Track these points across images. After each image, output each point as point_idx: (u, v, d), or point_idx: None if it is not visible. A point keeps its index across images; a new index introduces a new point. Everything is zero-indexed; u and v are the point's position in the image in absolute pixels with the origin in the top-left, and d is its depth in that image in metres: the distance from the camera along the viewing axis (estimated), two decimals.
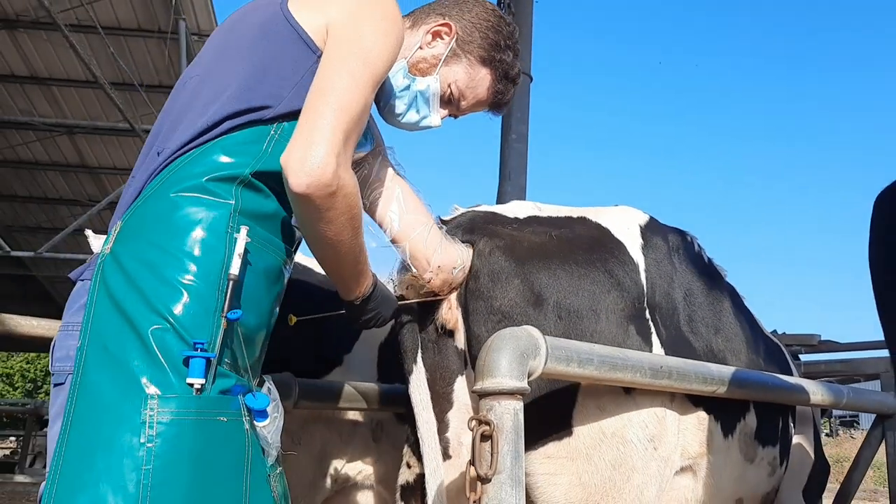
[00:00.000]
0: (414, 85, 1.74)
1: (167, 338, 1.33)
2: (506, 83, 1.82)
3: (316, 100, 1.40)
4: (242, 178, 1.45)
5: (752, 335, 2.21)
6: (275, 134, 1.48)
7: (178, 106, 1.56)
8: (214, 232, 1.40)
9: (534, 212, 1.90)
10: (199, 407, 1.33)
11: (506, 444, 1.37)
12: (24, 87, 9.66)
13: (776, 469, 2.25)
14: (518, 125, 4.71)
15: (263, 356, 1.57)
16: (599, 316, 1.72)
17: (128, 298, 1.35)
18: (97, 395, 1.31)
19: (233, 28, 1.63)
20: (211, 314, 1.37)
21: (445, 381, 1.73)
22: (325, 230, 1.42)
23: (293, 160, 1.35)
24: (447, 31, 1.76)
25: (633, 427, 1.73)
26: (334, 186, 1.35)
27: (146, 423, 1.28)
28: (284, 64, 1.49)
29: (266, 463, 1.44)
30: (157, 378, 1.31)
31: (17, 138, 10.49)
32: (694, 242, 2.15)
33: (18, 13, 8.35)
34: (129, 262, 1.38)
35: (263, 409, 1.42)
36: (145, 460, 1.27)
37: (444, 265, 1.69)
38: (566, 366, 1.51)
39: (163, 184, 1.45)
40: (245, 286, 1.43)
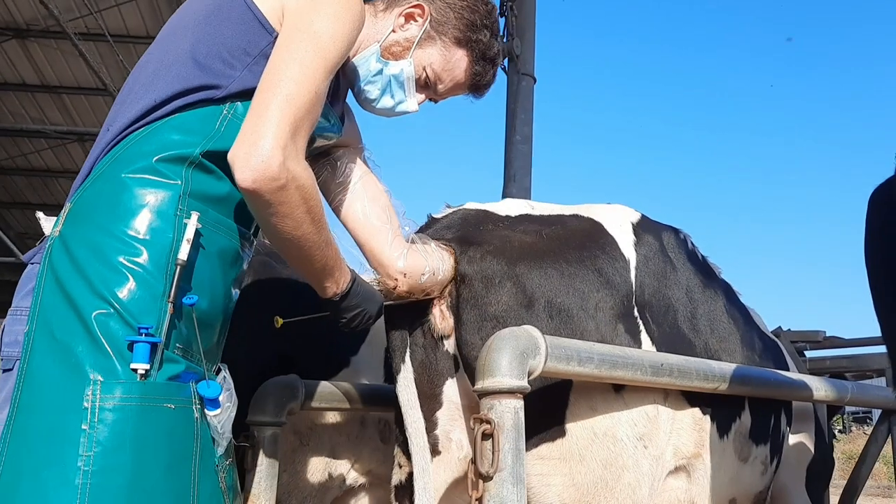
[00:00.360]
0: (387, 69, 1.70)
1: (111, 323, 1.31)
2: (484, 64, 1.77)
3: (263, 91, 1.37)
4: (192, 159, 1.42)
5: (746, 332, 2.20)
6: (227, 114, 1.46)
7: (130, 82, 1.54)
8: (162, 215, 1.38)
9: (526, 210, 1.90)
10: (143, 393, 1.31)
11: (507, 442, 1.40)
12: (36, 95, 9.78)
13: (768, 467, 2.24)
14: (522, 127, 4.72)
15: (223, 341, 1.55)
16: (589, 314, 1.72)
17: (73, 283, 1.33)
18: (42, 382, 1.30)
19: (189, 6, 1.59)
20: (158, 299, 1.35)
21: (435, 383, 1.73)
22: (281, 224, 1.37)
23: (239, 155, 1.32)
24: (420, 12, 1.71)
25: (622, 426, 1.73)
26: (283, 179, 1.32)
27: (89, 410, 1.27)
28: (238, 43, 1.46)
29: (216, 453, 1.42)
30: (100, 364, 1.30)
31: (30, 146, 10.62)
32: (687, 240, 2.15)
33: (28, 22, 8.46)
34: (76, 245, 1.36)
35: (215, 398, 1.40)
36: (87, 447, 1.26)
37: (411, 272, 1.65)
38: (566, 364, 1.52)
39: (112, 163, 1.42)
40: (197, 270, 1.41)
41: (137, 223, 1.36)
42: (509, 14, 4.78)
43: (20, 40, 8.74)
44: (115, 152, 1.43)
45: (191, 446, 1.37)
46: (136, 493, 1.28)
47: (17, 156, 10.77)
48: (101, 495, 1.25)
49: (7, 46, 8.84)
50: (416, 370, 1.74)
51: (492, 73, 1.81)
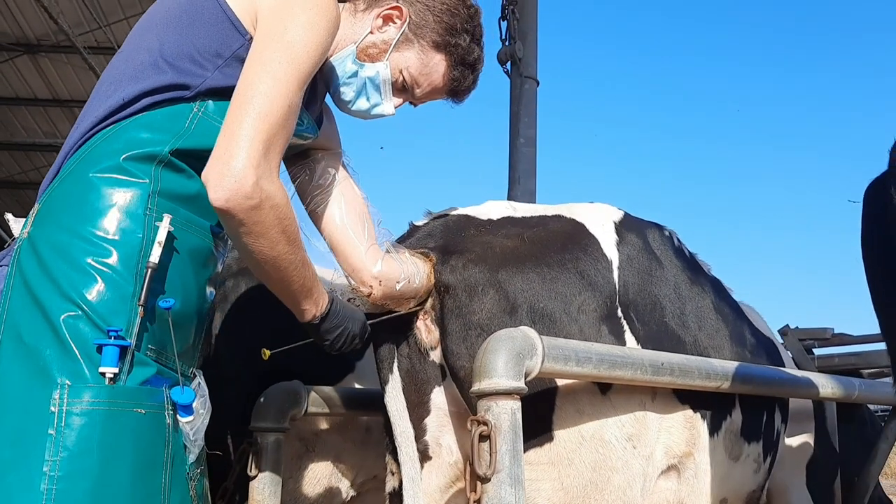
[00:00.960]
0: (362, 71, 1.67)
1: (79, 325, 1.30)
2: (462, 69, 1.73)
3: (236, 108, 1.35)
4: (161, 157, 1.40)
5: (736, 329, 2.19)
6: (198, 112, 1.44)
7: (101, 81, 1.53)
8: (131, 214, 1.36)
9: (508, 212, 1.89)
10: (111, 397, 1.29)
11: (504, 443, 1.40)
12: (47, 109, 9.90)
13: (761, 466, 2.22)
14: (526, 129, 4.71)
15: (199, 344, 1.53)
16: (572, 317, 1.71)
17: (41, 285, 1.32)
18: (9, 385, 1.29)
19: (161, 4, 1.57)
20: (127, 300, 1.33)
21: (422, 392, 1.73)
22: (256, 244, 1.35)
23: (212, 174, 1.31)
24: (398, 14, 1.68)
25: (609, 427, 1.72)
26: (256, 199, 1.30)
27: (55, 414, 1.25)
28: (209, 43, 1.45)
29: (187, 461, 1.40)
30: (68, 367, 1.28)
31: (42, 160, 10.73)
32: (673, 237, 2.13)
33: (39, 38, 8.56)
34: (44, 247, 1.35)
35: (189, 405, 1.38)
36: (53, 451, 1.25)
37: (386, 279, 1.62)
38: (564, 365, 1.52)
39: (79, 163, 1.41)
40: (169, 271, 1.39)
41: (105, 223, 1.35)
42: (511, 17, 4.77)
43: (31, 56, 8.85)
44: (83, 151, 1.42)
45: (161, 453, 1.35)
46: (102, 500, 1.27)
47: (29, 170, 10.89)
48: (67, 501, 1.24)
49: (18, 62, 8.96)
50: (404, 379, 1.74)
51: (471, 79, 1.78)
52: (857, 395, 2.49)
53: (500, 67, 4.90)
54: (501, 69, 4.93)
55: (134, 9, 8.30)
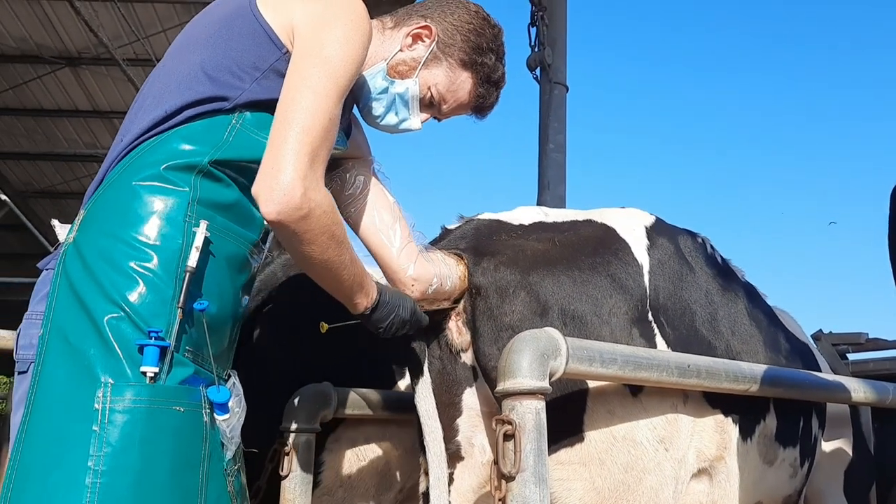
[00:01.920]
0: (392, 87, 1.73)
1: (122, 326, 1.34)
2: (487, 87, 1.80)
3: (280, 124, 1.41)
4: (201, 167, 1.46)
5: (771, 334, 2.18)
6: (236, 123, 1.49)
7: (142, 94, 1.58)
8: (171, 221, 1.41)
9: (540, 217, 1.91)
10: (153, 396, 1.33)
11: (528, 442, 1.40)
12: (88, 121, 10.14)
13: (797, 471, 2.20)
14: (555, 135, 4.73)
15: (234, 346, 1.58)
16: (603, 320, 1.73)
17: (85, 288, 1.37)
18: (55, 384, 1.34)
19: (201, 19, 1.63)
20: (167, 303, 1.38)
21: (454, 392, 1.75)
22: (308, 251, 1.42)
23: (262, 189, 1.37)
24: (427, 33, 1.74)
25: (641, 429, 1.73)
26: (305, 209, 1.36)
27: (99, 411, 1.30)
28: (247, 57, 1.50)
29: (224, 457, 1.44)
30: (111, 367, 1.33)
31: (83, 170, 10.98)
32: (706, 243, 2.13)
33: (80, 51, 8.78)
34: (88, 251, 1.40)
35: (224, 403, 1.42)
36: (97, 447, 1.28)
37: (421, 279, 1.68)
38: (588, 366, 1.53)
39: (123, 172, 1.46)
40: (206, 276, 1.43)
41: (147, 229, 1.40)
42: (540, 24, 4.81)
43: (73, 68, 9.07)
44: (126, 161, 1.47)
45: (199, 449, 1.39)
46: (143, 494, 1.31)
47: (71, 180, 11.15)
48: (110, 495, 1.28)
49: (60, 75, 9.19)
50: (435, 380, 1.76)
51: (495, 96, 1.83)
52: (891, 400, 2.45)
53: (529, 73, 4.94)
54: (531, 75, 4.96)
55: (171, 21, 8.48)
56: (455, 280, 1.73)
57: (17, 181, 11.13)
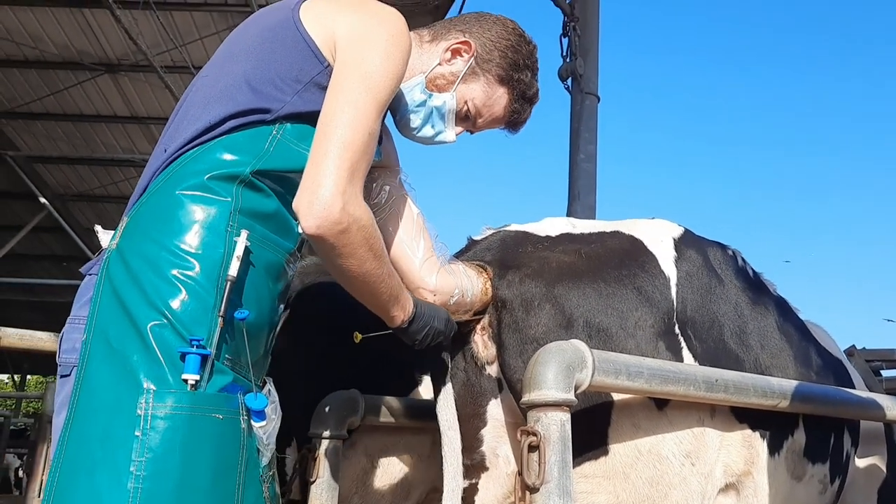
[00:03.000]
0: (430, 101, 1.76)
1: (165, 333, 1.36)
2: (522, 103, 1.83)
3: (321, 139, 1.43)
4: (243, 177, 1.47)
5: (802, 348, 2.15)
6: (277, 134, 1.51)
7: (186, 104, 1.60)
8: (214, 230, 1.43)
9: (567, 229, 1.91)
10: (193, 403, 1.35)
11: (553, 454, 1.40)
12: (126, 126, 10.31)
13: (827, 487, 2.17)
14: (586, 145, 4.72)
15: (269, 353, 1.59)
16: (629, 332, 1.73)
17: (129, 294, 1.39)
18: (98, 388, 1.36)
19: (244, 30, 1.65)
20: (209, 311, 1.39)
21: (478, 403, 1.76)
22: (347, 264, 1.45)
23: (302, 203, 1.39)
24: (466, 48, 1.77)
25: (667, 443, 1.72)
26: (345, 223, 1.39)
27: (142, 417, 1.32)
28: (290, 69, 1.52)
29: (260, 464, 1.45)
30: (153, 373, 1.35)
31: (120, 175, 11.17)
32: (737, 256, 2.11)
33: (119, 58, 8.94)
34: (132, 257, 1.42)
35: (262, 410, 1.43)
36: (139, 452, 1.30)
37: (441, 291, 1.70)
38: (615, 379, 1.53)
39: (167, 180, 1.48)
40: (246, 284, 1.45)
41: (190, 237, 1.42)
42: (573, 34, 4.81)
43: (112, 75, 9.23)
44: (171, 170, 1.48)
45: (236, 456, 1.40)
46: (184, 500, 1.33)
47: (108, 184, 11.34)
48: (151, 499, 1.30)
49: (100, 81, 9.36)
50: (459, 392, 1.77)
51: (529, 111, 1.87)
52: None
53: (560, 84, 4.94)
54: (562, 85, 4.96)
55: (208, 29, 8.61)
56: (476, 292, 1.74)
57: (57, 185, 11.35)
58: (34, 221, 11.02)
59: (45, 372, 19.43)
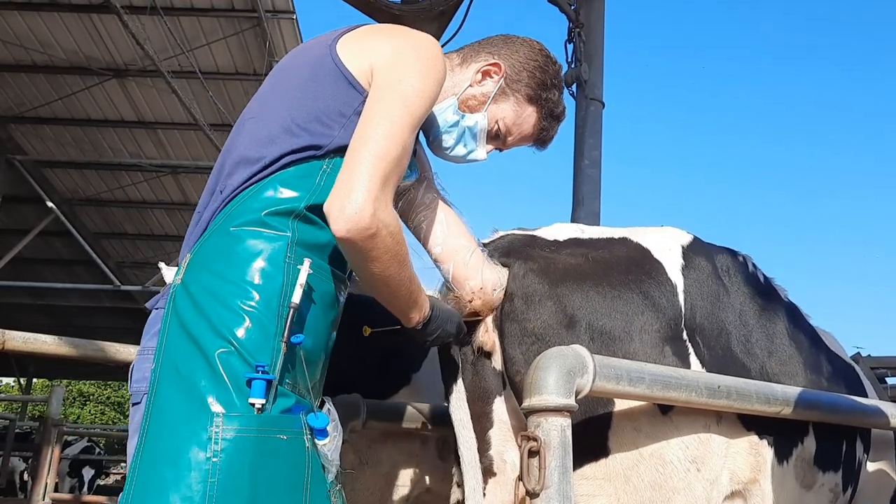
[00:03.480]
0: (463, 121, 1.82)
1: (232, 360, 1.42)
2: (550, 121, 1.90)
3: (356, 148, 1.48)
4: (297, 212, 1.54)
5: (812, 355, 2.13)
6: (327, 168, 1.57)
7: (237, 145, 1.65)
8: (273, 262, 1.50)
9: (575, 234, 1.92)
10: (260, 425, 1.40)
11: (553, 459, 1.41)
12: (133, 131, 10.36)
13: (839, 496, 2.15)
14: (590, 151, 4.71)
15: (324, 378, 1.64)
16: (633, 337, 1.73)
17: (196, 324, 1.45)
18: (168, 413, 1.42)
19: (286, 68, 1.72)
20: (271, 338, 1.45)
21: (484, 401, 1.77)
22: (372, 268, 1.50)
23: (334, 208, 1.44)
24: (497, 70, 1.83)
25: (672, 448, 1.72)
26: (374, 229, 1.43)
27: (212, 440, 1.37)
28: (333, 104, 1.58)
29: (326, 480, 1.50)
30: (222, 398, 1.40)
31: (127, 179, 11.22)
32: (747, 262, 2.11)
33: (127, 63, 9.00)
34: (197, 291, 1.49)
35: (324, 429, 1.48)
36: (210, 473, 1.35)
37: (485, 287, 1.75)
38: (616, 384, 1.53)
39: (226, 218, 1.55)
40: (303, 312, 1.51)
41: (251, 270, 1.48)
42: (577, 40, 4.81)
43: (119, 80, 9.29)
44: (229, 209, 1.56)
45: (302, 474, 1.45)
46: None
47: (115, 188, 11.40)
48: None
49: (108, 86, 9.42)
50: (468, 390, 1.77)
51: (556, 129, 1.94)
52: None
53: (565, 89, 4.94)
54: (567, 91, 4.96)
55: (215, 34, 8.66)
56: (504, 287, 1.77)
57: (64, 189, 11.41)
58: (41, 225, 11.08)
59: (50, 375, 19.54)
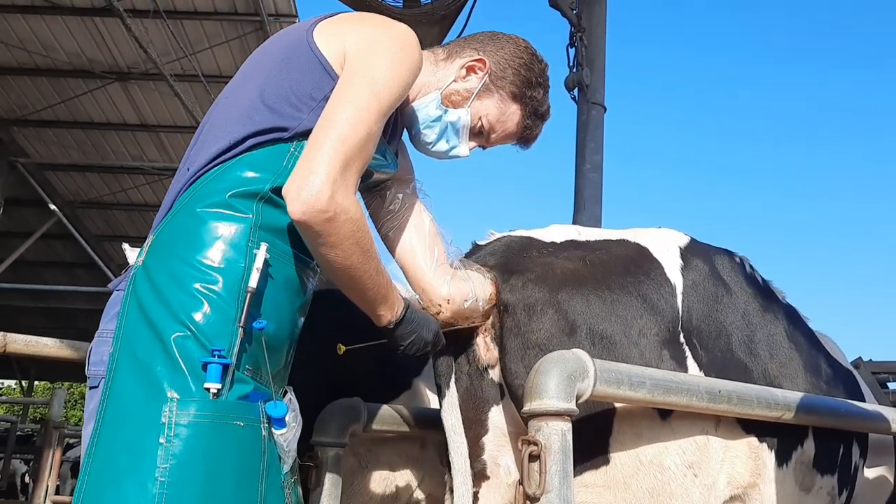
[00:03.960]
0: (445, 116, 1.80)
1: (188, 344, 1.40)
2: (534, 119, 1.88)
3: (319, 131, 1.46)
4: (262, 194, 1.51)
5: (811, 359, 2.13)
6: (294, 151, 1.54)
7: (208, 124, 1.64)
8: (235, 246, 1.47)
9: (572, 236, 1.91)
10: (215, 411, 1.38)
11: (554, 464, 1.40)
12: (135, 134, 10.39)
13: (835, 499, 2.14)
14: (592, 155, 4.71)
15: (290, 365, 1.62)
16: (632, 341, 1.72)
17: (154, 307, 1.43)
18: (124, 398, 1.40)
19: (263, 51, 1.71)
20: (230, 323, 1.43)
21: (480, 409, 1.76)
22: (331, 254, 1.46)
23: (291, 189, 1.42)
24: (481, 66, 1.81)
25: (670, 454, 1.71)
26: (331, 212, 1.40)
27: (166, 425, 1.35)
28: (305, 87, 1.56)
29: (282, 470, 1.48)
30: (177, 382, 1.38)
31: (129, 182, 11.25)
32: (745, 263, 2.10)
33: (130, 66, 9.03)
34: (157, 273, 1.46)
35: (281, 418, 1.46)
36: (164, 459, 1.33)
37: (454, 298, 1.72)
38: (616, 388, 1.52)
39: (190, 199, 1.52)
40: (265, 297, 1.48)
41: (212, 253, 1.46)
42: (579, 44, 4.82)
43: (122, 83, 9.32)
44: (193, 189, 1.53)
45: (258, 462, 1.43)
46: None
47: (118, 191, 11.43)
48: None
49: (110, 89, 9.45)
50: (462, 396, 1.76)
51: (540, 128, 1.91)
52: None
53: (567, 93, 4.94)
54: (569, 95, 4.96)
55: (218, 38, 8.69)
56: (486, 297, 1.75)
57: (67, 192, 11.44)
58: (43, 228, 11.11)
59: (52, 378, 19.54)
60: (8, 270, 11.02)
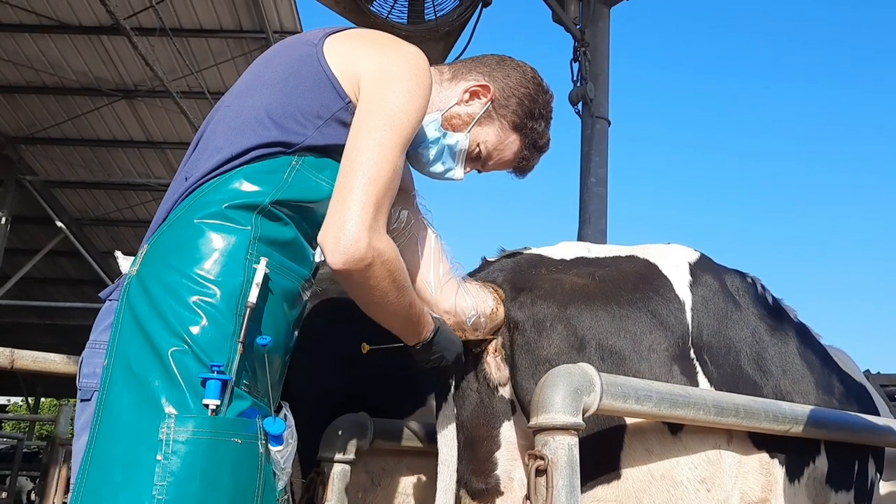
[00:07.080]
0: (444, 139, 1.78)
1: (186, 359, 1.37)
2: (532, 151, 1.86)
3: (346, 175, 1.46)
4: (262, 207, 1.49)
5: (824, 375, 2.12)
6: (296, 164, 1.53)
7: (208, 132, 1.61)
8: (233, 258, 1.44)
9: (582, 253, 1.91)
10: (214, 428, 1.36)
11: (560, 478, 1.40)
12: (142, 151, 10.45)
13: None
14: (597, 169, 4.71)
15: (283, 379, 1.60)
16: (642, 356, 1.72)
17: (150, 320, 1.40)
18: (120, 413, 1.36)
19: (269, 61, 1.67)
20: (228, 338, 1.40)
21: (491, 426, 1.75)
22: (370, 295, 1.49)
23: (328, 240, 1.42)
24: (485, 92, 1.79)
25: (682, 468, 1.70)
26: (370, 258, 1.42)
27: (163, 441, 1.32)
28: (311, 105, 1.55)
29: (276, 488, 1.46)
30: (175, 398, 1.35)
31: (136, 199, 11.29)
32: (756, 283, 2.09)
33: (136, 84, 9.09)
34: (153, 284, 1.43)
35: (280, 435, 1.44)
36: (161, 476, 1.31)
37: (457, 313, 1.73)
38: (623, 402, 1.52)
39: (187, 209, 1.49)
40: (264, 311, 1.46)
41: (210, 265, 1.43)
42: (583, 59, 4.83)
43: (129, 100, 9.37)
44: (191, 199, 1.50)
45: (254, 480, 1.41)
46: None
47: (124, 208, 11.47)
48: None
49: (117, 106, 9.51)
50: (472, 413, 1.76)
51: (537, 159, 1.90)
52: None
53: (571, 108, 4.96)
54: (573, 110, 4.98)
55: (224, 56, 8.74)
56: (489, 312, 1.75)
57: (74, 209, 11.49)
58: (50, 245, 11.15)
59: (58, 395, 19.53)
60: (15, 287, 11.05)
